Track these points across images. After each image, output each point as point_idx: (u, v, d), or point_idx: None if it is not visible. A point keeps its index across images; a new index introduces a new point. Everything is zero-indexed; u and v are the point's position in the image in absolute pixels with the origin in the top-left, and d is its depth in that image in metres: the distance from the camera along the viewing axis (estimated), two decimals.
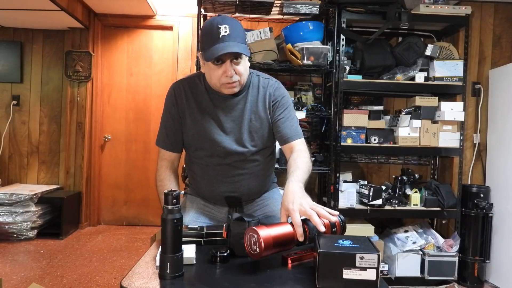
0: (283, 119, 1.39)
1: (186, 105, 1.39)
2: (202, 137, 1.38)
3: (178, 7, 3.58)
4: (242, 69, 1.29)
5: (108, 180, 3.90)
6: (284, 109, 1.41)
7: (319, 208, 1.07)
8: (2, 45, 3.69)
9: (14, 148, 3.78)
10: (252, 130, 1.38)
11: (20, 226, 3.28)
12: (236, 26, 1.24)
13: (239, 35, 1.24)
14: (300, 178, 1.23)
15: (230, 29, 1.22)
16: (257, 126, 1.38)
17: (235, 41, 1.22)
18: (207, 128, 1.37)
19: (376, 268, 0.86)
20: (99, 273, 2.70)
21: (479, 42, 3.09)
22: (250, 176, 1.43)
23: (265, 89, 1.41)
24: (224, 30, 1.21)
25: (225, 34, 1.21)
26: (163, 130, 1.46)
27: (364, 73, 2.79)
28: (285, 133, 1.38)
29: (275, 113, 1.40)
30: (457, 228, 2.81)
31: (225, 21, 1.23)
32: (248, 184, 1.44)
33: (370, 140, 2.75)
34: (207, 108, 1.38)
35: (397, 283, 2.74)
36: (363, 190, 2.76)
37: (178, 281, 0.91)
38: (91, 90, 3.73)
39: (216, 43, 1.21)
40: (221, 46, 1.20)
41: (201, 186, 1.48)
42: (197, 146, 1.41)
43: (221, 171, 1.40)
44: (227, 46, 1.20)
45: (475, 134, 3.07)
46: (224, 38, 1.21)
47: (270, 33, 2.72)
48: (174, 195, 0.93)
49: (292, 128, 1.39)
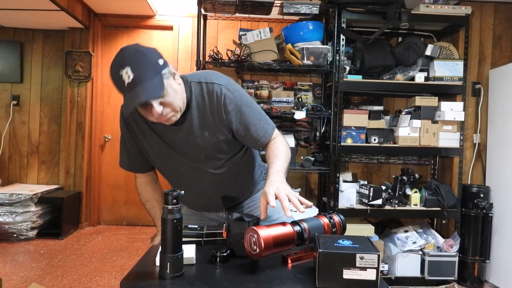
0: (243, 129, 1.22)
1: (138, 130, 1.26)
2: (162, 161, 1.30)
3: (178, 7, 3.58)
4: (172, 99, 1.09)
5: (108, 180, 3.90)
6: (240, 116, 1.21)
7: (292, 196, 1.03)
8: (2, 45, 3.69)
9: (14, 148, 3.78)
10: (210, 146, 1.23)
11: (20, 226, 3.28)
12: (139, 62, 1.04)
13: (145, 73, 1.04)
14: (279, 168, 1.14)
15: (133, 70, 1.03)
16: (213, 141, 1.22)
17: (142, 83, 1.03)
18: (164, 153, 1.27)
19: (376, 268, 0.86)
20: (99, 273, 2.70)
21: (479, 42, 3.09)
22: (226, 185, 1.33)
23: (211, 96, 1.20)
24: (126, 76, 1.03)
25: (129, 81, 1.03)
26: (124, 154, 1.36)
27: (364, 73, 2.79)
28: (255, 139, 1.23)
29: (232, 125, 1.21)
30: (457, 228, 2.81)
31: (125, 61, 1.04)
32: (227, 192, 1.35)
33: (370, 140, 2.75)
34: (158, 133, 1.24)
35: (397, 283, 2.74)
36: (363, 190, 2.76)
37: (178, 281, 0.91)
38: (91, 90, 3.73)
39: (125, 93, 1.05)
40: (129, 98, 1.04)
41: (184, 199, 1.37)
42: (161, 168, 1.35)
43: (194, 188, 1.31)
44: (134, 97, 1.03)
45: (475, 134, 3.07)
46: (129, 86, 1.03)
47: (270, 33, 2.72)
48: (174, 195, 0.93)
49: (260, 128, 1.23)
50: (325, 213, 1.15)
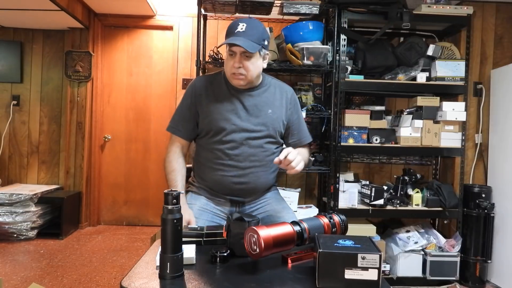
0: (298, 124, 1.61)
1: (205, 96, 1.51)
2: (217, 122, 1.47)
3: (178, 7, 3.58)
4: (250, 66, 1.40)
5: (108, 180, 3.90)
6: (299, 114, 1.62)
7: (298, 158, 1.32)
8: (2, 45, 3.69)
9: (14, 148, 3.77)
10: (268, 120, 1.49)
11: (20, 226, 3.28)
12: (255, 26, 1.38)
13: (254, 34, 1.37)
14: (301, 156, 1.38)
15: (247, 27, 1.36)
16: (273, 118, 1.51)
17: (247, 38, 1.35)
18: (223, 113, 1.47)
19: (377, 268, 0.86)
20: (99, 273, 2.69)
21: (480, 42, 3.08)
22: (259, 166, 1.50)
23: (281, 91, 1.56)
24: (241, 27, 1.36)
25: (240, 31, 1.36)
26: (176, 117, 1.57)
27: (366, 73, 2.78)
28: (301, 136, 1.62)
29: (292, 117, 1.58)
30: (458, 228, 2.80)
31: (246, 21, 1.38)
32: (256, 175, 1.50)
33: (372, 140, 2.74)
34: (225, 99, 1.49)
35: (399, 283, 2.73)
36: (364, 190, 2.75)
37: (178, 281, 0.90)
38: (91, 90, 3.73)
39: (230, 36, 1.37)
40: (230, 38, 1.36)
41: (210, 175, 1.51)
42: (213, 131, 1.48)
43: (234, 157, 1.47)
44: (234, 39, 1.34)
45: (476, 134, 3.06)
46: (238, 33, 1.36)
47: (270, 33, 2.72)
48: (174, 195, 0.93)
49: (305, 132, 1.64)
50: (325, 213, 1.14)
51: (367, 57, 2.75)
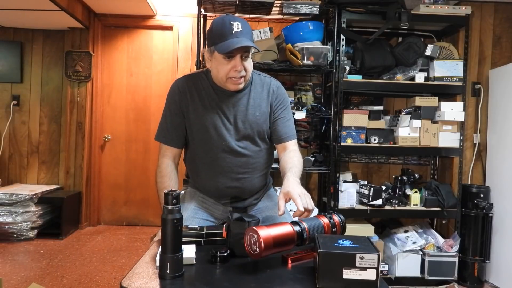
0: (283, 119, 1.47)
1: (190, 101, 1.42)
2: (206, 131, 1.41)
3: (178, 7, 3.58)
4: (249, 66, 1.35)
5: (108, 180, 3.90)
6: (284, 109, 1.49)
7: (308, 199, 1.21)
8: (2, 45, 3.69)
9: (14, 148, 3.78)
10: (256, 125, 1.43)
11: (20, 226, 3.28)
12: (246, 25, 1.33)
13: (249, 32, 1.32)
14: (298, 174, 1.34)
15: (242, 26, 1.29)
16: (261, 120, 1.44)
17: (247, 37, 1.29)
18: (211, 121, 1.40)
19: (376, 268, 0.86)
20: (99, 273, 2.70)
21: (479, 42, 3.09)
22: (253, 170, 1.46)
23: (267, 87, 1.47)
24: (237, 26, 1.28)
25: (238, 30, 1.28)
26: (164, 125, 1.49)
27: (364, 73, 2.79)
28: (284, 132, 1.47)
29: (276, 112, 1.47)
30: (457, 228, 2.81)
31: (236, 19, 1.31)
32: (251, 179, 1.47)
33: (370, 140, 2.75)
34: (211, 103, 1.41)
35: (397, 283, 2.74)
36: (363, 190, 2.76)
37: (178, 281, 0.91)
38: (91, 90, 3.73)
39: (229, 38, 1.27)
40: (235, 40, 1.27)
41: (205, 182, 1.49)
42: (201, 140, 1.43)
43: (225, 165, 1.42)
44: (241, 41, 1.27)
45: (475, 134, 3.07)
46: (237, 34, 1.28)
47: (270, 33, 2.72)
48: (174, 195, 0.93)
49: (289, 128, 1.48)
50: (325, 213, 1.15)
51: (365, 57, 2.76)
